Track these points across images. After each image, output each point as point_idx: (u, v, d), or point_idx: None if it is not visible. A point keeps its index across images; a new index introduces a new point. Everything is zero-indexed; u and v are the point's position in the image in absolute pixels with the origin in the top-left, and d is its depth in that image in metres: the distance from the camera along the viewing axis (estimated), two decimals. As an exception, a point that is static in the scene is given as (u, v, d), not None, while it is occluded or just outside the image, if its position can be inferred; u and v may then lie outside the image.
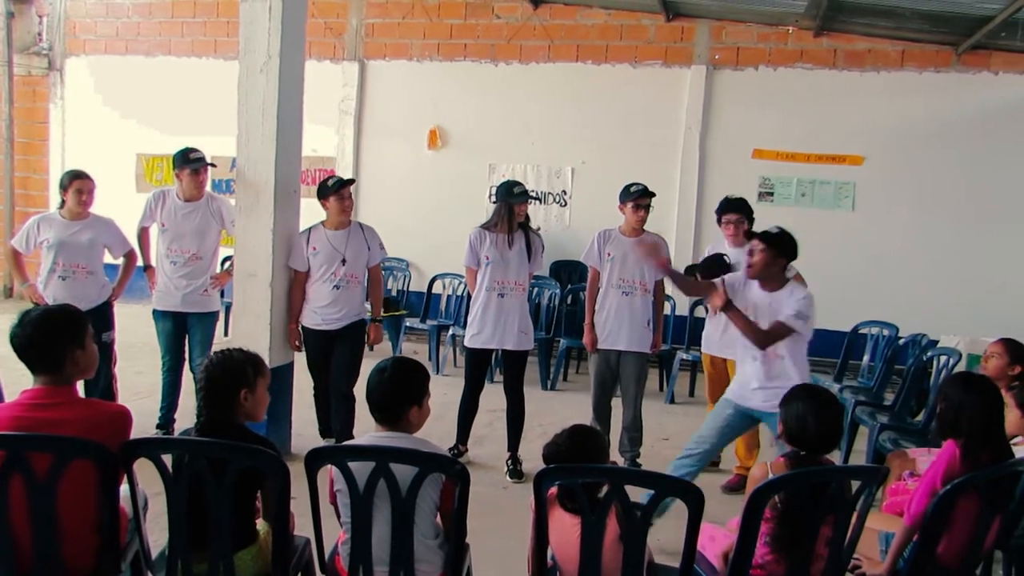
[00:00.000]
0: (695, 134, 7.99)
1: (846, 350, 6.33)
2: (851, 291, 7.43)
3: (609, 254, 4.79)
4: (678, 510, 2.15)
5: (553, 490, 2.40)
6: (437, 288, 7.98)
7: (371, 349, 4.99)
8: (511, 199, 4.66)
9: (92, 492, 2.29)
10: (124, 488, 2.40)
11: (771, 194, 7.81)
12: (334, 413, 4.88)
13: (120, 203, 6.76)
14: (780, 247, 3.71)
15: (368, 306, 5.07)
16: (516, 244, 4.76)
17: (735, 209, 4.89)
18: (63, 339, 2.37)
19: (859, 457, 5.09)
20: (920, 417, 5.09)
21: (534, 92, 8.39)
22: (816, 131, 7.78)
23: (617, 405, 4.94)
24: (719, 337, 4.79)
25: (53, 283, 4.83)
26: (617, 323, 4.78)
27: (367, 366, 2.89)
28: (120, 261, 5.10)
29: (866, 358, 6.39)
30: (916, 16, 6.90)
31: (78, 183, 4.84)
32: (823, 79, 7.76)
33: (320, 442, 4.96)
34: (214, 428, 2.36)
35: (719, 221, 4.97)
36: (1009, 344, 3.81)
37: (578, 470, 2.32)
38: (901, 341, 6.12)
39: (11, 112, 9.73)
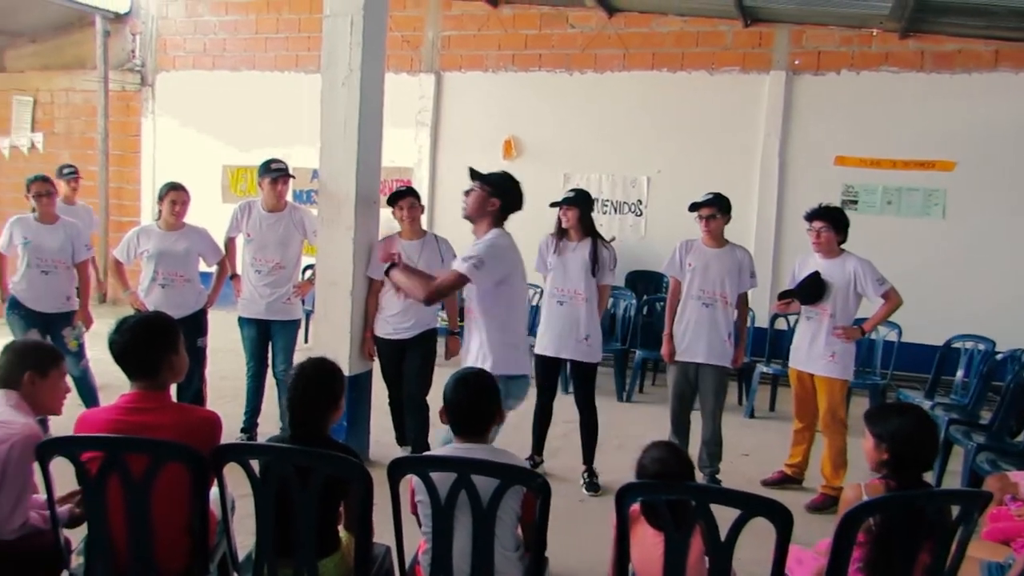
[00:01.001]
0: (774, 141, 7.82)
1: (938, 365, 6.07)
2: (943, 303, 7.15)
3: (690, 264, 4.72)
4: (760, 529, 2.08)
5: (636, 506, 2.36)
6: (511, 297, 7.98)
7: (446, 359, 5.03)
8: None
9: (184, 494, 2.35)
10: (213, 491, 2.47)
11: (855, 202, 7.57)
12: (408, 422, 4.93)
13: (207, 213, 6.99)
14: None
15: (441, 316, 5.10)
16: (577, 252, 4.72)
17: (823, 216, 4.70)
18: (159, 345, 2.46)
19: (953, 479, 4.87)
20: (1021, 437, 4.84)
21: (609, 101, 8.35)
22: (903, 136, 7.52)
23: (696, 419, 4.85)
24: (807, 350, 4.65)
25: (155, 291, 5.01)
26: (696, 335, 4.69)
27: (440, 375, 2.90)
28: (213, 269, 5.26)
29: (960, 374, 6.11)
30: (1011, 14, 6.61)
31: (172, 194, 5.02)
32: (910, 82, 7.50)
33: (397, 450, 5.01)
34: (303, 436, 2.40)
35: (809, 229, 4.79)
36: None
37: (662, 487, 2.27)
38: (999, 356, 5.83)
39: (106, 126, 10.16)
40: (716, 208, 4.64)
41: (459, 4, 8.75)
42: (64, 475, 2.41)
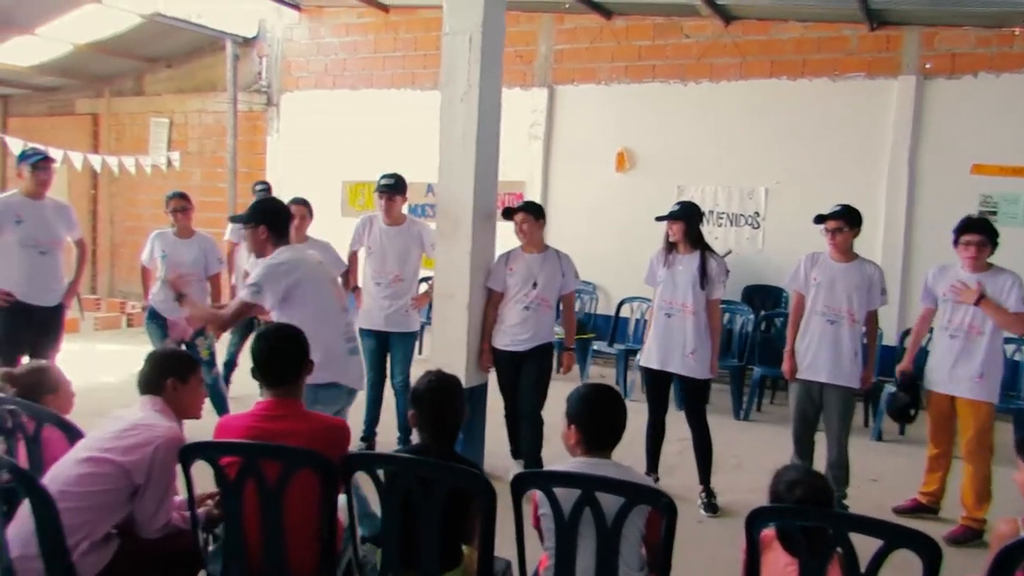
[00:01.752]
0: (903, 150, 7.45)
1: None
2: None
3: (815, 279, 4.53)
4: (899, 561, 1.96)
5: (767, 531, 2.27)
6: (625, 312, 7.91)
7: (557, 372, 5.03)
8: None
9: (314, 501, 2.42)
10: (340, 498, 2.53)
11: (994, 213, 7.11)
12: (522, 434, 4.93)
13: (327, 227, 7.23)
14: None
15: (558, 330, 5.09)
16: (685, 265, 4.63)
17: (978, 230, 4.39)
18: (295, 355, 2.55)
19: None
20: None
21: (725, 111, 8.17)
22: (1049, 143, 7.03)
23: (820, 440, 4.65)
24: (949, 371, 4.39)
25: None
26: (820, 353, 4.49)
27: (555, 390, 2.88)
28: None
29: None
30: None
31: (294, 208, 5.21)
32: (1057, 84, 7.01)
33: (510, 462, 5.02)
34: (437, 448, 2.44)
35: (956, 242, 4.48)
36: None
37: (796, 512, 2.18)
38: None
39: (235, 145, 10.69)
40: (844, 221, 4.44)
41: (572, 18, 8.77)
42: (203, 478, 2.52)
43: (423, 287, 5.60)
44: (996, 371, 4.39)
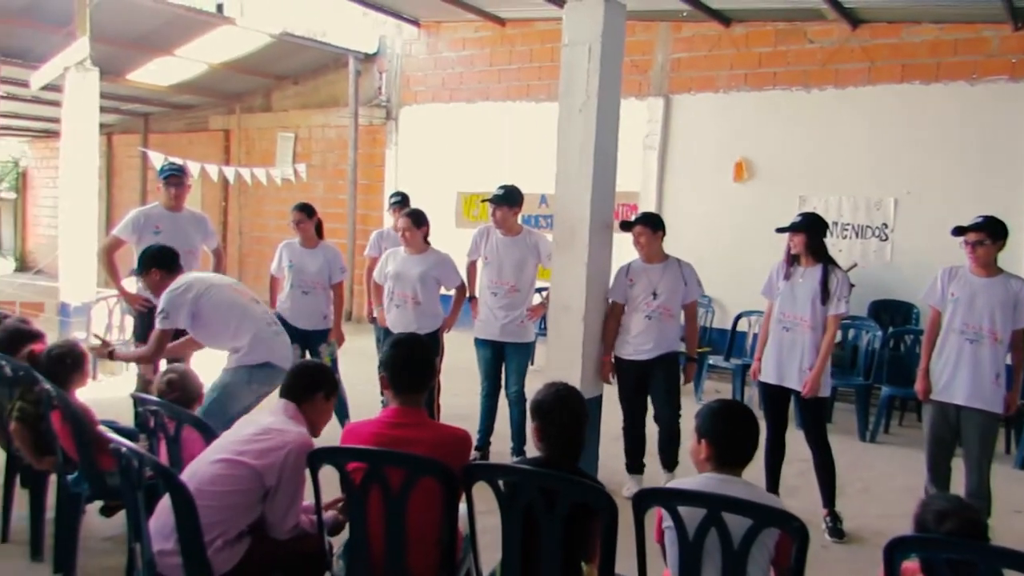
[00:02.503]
0: (1050, 156, 6.96)
1: None
2: None
3: (953, 294, 4.25)
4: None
5: (908, 564, 2.14)
6: (742, 326, 7.68)
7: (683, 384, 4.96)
8: None
9: (435, 509, 2.45)
10: (460, 507, 2.54)
11: None
12: (661, 444, 4.90)
13: (441, 237, 7.36)
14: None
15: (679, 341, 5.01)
16: (806, 279, 4.46)
17: None
18: (427, 364, 2.60)
19: None
20: None
21: (850, 118, 7.84)
22: None
23: (957, 466, 4.37)
24: None
25: (390, 311, 5.34)
26: (957, 373, 4.20)
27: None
28: (452, 293, 5.51)
29: None
30: None
31: (400, 221, 5.35)
32: None
33: (627, 477, 4.96)
34: (552, 461, 2.43)
35: None
36: None
37: (941, 543, 2.05)
38: None
39: (356, 158, 11.06)
40: (986, 233, 4.15)
41: (690, 26, 8.63)
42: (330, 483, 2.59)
43: (538, 298, 5.61)
44: None
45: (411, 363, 2.63)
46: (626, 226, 4.89)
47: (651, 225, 4.85)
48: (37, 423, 3.59)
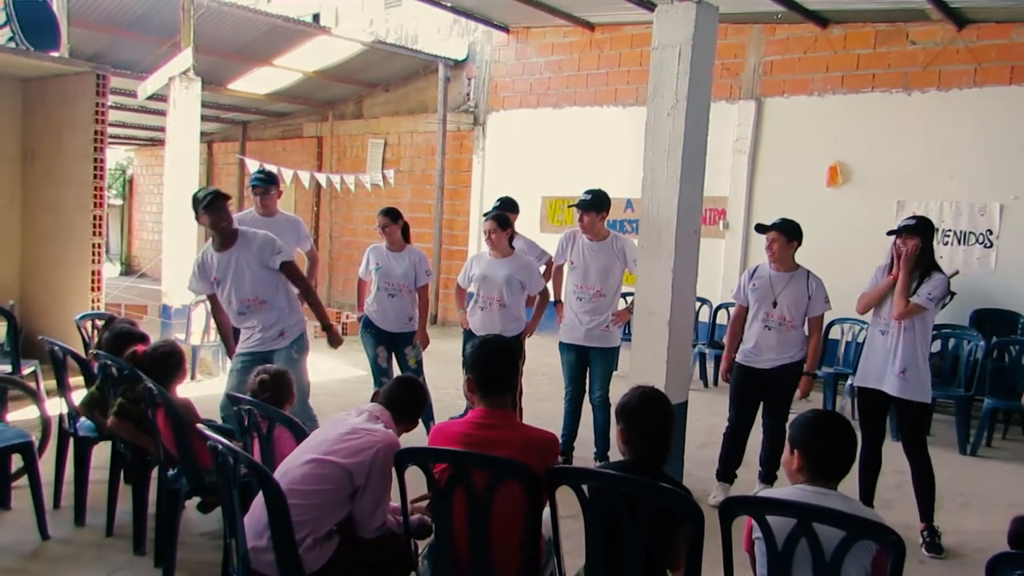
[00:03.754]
0: None
1: None
2: None
3: None
4: None
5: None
6: (835, 334, 7.44)
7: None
8: None
9: (519, 511, 2.45)
10: (544, 510, 2.55)
11: None
12: (763, 454, 4.87)
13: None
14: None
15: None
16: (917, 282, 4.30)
17: None
18: (511, 365, 2.62)
19: None
20: None
21: (953, 121, 7.52)
22: None
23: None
24: None
25: (475, 313, 5.39)
26: None
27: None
28: (536, 297, 5.52)
29: None
30: None
31: (487, 224, 5.38)
32: None
33: (716, 485, 4.87)
34: (637, 465, 2.41)
35: None
36: None
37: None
38: None
39: (443, 163, 11.22)
40: None
41: (784, 28, 8.44)
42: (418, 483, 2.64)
43: (623, 303, 5.57)
44: None
45: (496, 363, 2.65)
46: (761, 229, 4.84)
47: (787, 233, 4.76)
48: (139, 420, 3.76)
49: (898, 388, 4.30)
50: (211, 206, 4.39)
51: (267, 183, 5.72)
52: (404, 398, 3.00)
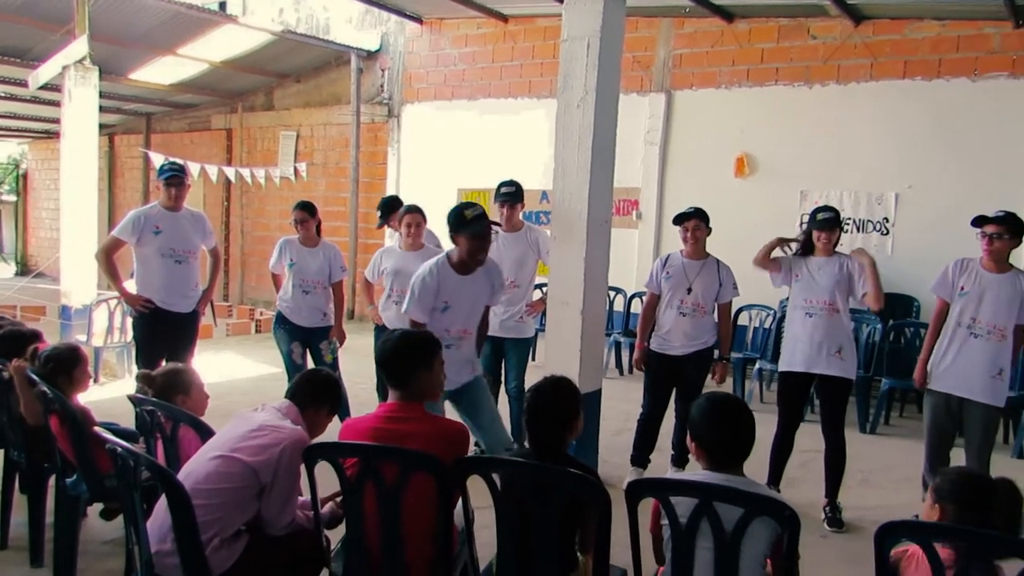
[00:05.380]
0: (1051, 152, 6.95)
1: None
2: None
3: (962, 288, 4.25)
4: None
5: (906, 549, 2.13)
6: (743, 320, 7.68)
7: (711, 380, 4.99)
8: None
9: (430, 503, 2.44)
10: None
11: None
12: (675, 438, 5.01)
13: (442, 235, 7.34)
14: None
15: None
16: (825, 267, 4.52)
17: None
18: (414, 359, 2.61)
19: None
20: None
21: (852, 114, 7.84)
22: None
23: (955, 456, 4.39)
24: None
25: (389, 308, 5.35)
26: (961, 367, 4.23)
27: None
28: None
29: None
30: None
31: (408, 217, 5.34)
32: None
33: (625, 470, 4.97)
34: (542, 453, 2.43)
35: None
36: None
37: (931, 528, 2.05)
38: None
39: (357, 156, 11.07)
40: (1005, 228, 4.11)
41: (692, 22, 8.63)
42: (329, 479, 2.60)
43: (538, 293, 5.61)
44: None
45: (405, 357, 2.64)
46: (682, 218, 4.93)
47: (706, 220, 4.94)
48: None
49: (836, 367, 4.48)
50: (486, 232, 3.99)
51: (183, 175, 5.50)
52: (312, 390, 2.94)
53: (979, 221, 4.21)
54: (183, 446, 3.05)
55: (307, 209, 5.60)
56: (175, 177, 5.35)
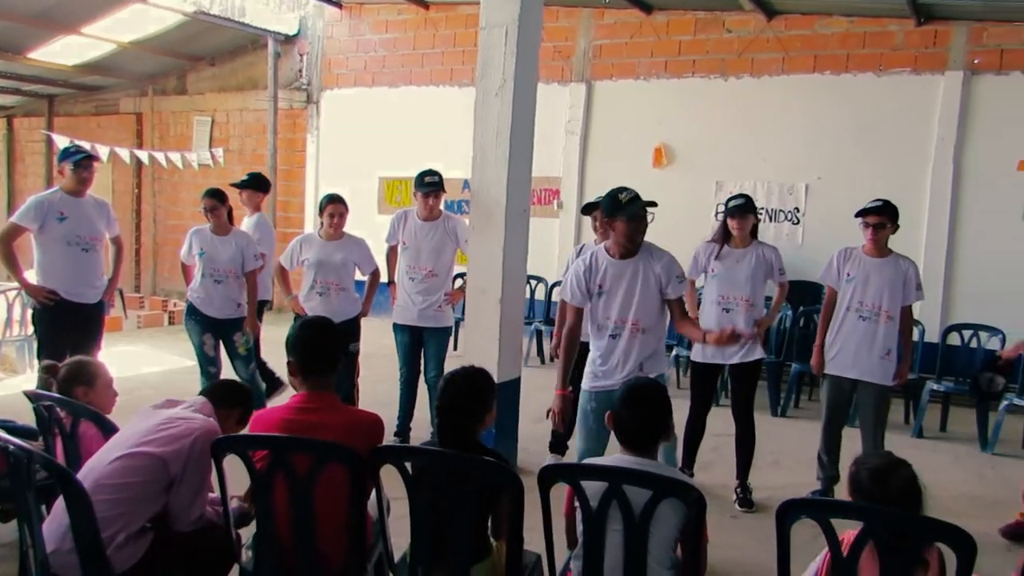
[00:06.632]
0: (948, 146, 7.28)
1: None
2: None
3: (848, 274, 4.47)
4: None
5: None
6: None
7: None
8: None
9: (343, 494, 2.41)
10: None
11: (1043, 209, 6.92)
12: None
13: (364, 224, 7.29)
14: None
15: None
16: (743, 259, 4.60)
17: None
18: (328, 347, 2.58)
19: None
20: None
21: (765, 106, 8.06)
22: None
23: (853, 437, 4.59)
24: None
25: (313, 299, 5.26)
26: (851, 349, 4.46)
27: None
28: (367, 279, 5.46)
29: None
30: None
31: (331, 207, 5.25)
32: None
33: (545, 458, 5.01)
34: (451, 441, 2.43)
35: None
36: None
37: (828, 505, 2.13)
38: None
39: (275, 143, 10.81)
40: (886, 216, 4.37)
41: (612, 13, 8.71)
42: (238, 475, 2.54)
43: (458, 282, 5.60)
44: None
45: (317, 345, 2.60)
46: (587, 209, 4.98)
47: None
48: None
49: (756, 353, 4.64)
50: (643, 214, 3.87)
51: (93, 159, 5.25)
52: (227, 391, 2.89)
53: (861, 213, 4.44)
54: (84, 443, 2.94)
55: (216, 196, 5.41)
56: (87, 159, 5.11)
